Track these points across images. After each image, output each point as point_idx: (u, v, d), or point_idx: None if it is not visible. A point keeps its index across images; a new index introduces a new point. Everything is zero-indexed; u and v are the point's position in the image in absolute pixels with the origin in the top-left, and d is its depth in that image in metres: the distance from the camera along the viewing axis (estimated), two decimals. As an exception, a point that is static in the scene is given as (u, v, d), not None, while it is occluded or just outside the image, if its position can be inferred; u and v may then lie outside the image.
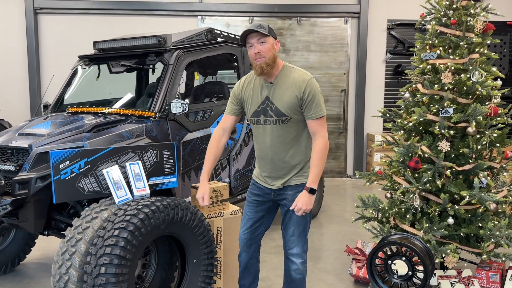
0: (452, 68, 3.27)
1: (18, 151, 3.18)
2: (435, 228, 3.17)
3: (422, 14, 3.58)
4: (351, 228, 5.11)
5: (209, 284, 3.03)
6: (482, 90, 3.19)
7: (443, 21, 3.40)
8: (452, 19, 3.33)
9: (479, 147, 3.20)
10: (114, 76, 4.28)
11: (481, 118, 3.16)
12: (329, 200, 6.45)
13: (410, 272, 2.90)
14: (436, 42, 3.40)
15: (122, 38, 4.08)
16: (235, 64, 4.71)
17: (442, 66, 3.30)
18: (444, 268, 3.38)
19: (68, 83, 4.28)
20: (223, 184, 3.42)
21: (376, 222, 3.64)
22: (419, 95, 3.42)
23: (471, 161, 3.25)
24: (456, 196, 3.25)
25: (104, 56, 4.15)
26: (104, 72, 4.23)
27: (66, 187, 2.79)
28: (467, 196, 3.08)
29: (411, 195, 3.28)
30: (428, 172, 3.22)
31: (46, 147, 3.06)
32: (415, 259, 2.91)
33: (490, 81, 3.26)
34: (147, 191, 2.91)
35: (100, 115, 3.66)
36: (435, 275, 3.25)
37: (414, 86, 3.49)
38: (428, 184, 3.24)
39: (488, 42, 3.34)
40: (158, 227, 2.69)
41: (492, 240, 3.11)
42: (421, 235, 3.21)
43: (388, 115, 3.75)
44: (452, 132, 3.23)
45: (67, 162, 2.79)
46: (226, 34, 4.68)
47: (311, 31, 8.05)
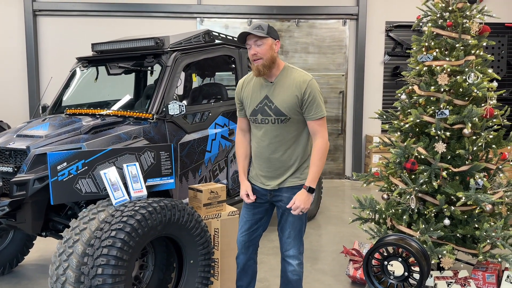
0: (448, 70, 3.29)
1: (16, 152, 3.19)
2: (432, 229, 3.18)
3: (419, 16, 3.61)
4: (349, 229, 5.12)
5: (206, 285, 3.04)
6: (478, 92, 3.21)
7: (439, 23, 3.42)
8: (448, 21, 3.35)
9: (475, 148, 3.21)
10: (112, 78, 4.29)
11: (476, 119, 3.18)
12: (327, 201, 6.46)
13: (406, 273, 2.92)
14: (432, 44, 3.42)
15: (120, 40, 4.09)
16: (233, 65, 4.72)
17: (438, 68, 3.32)
18: (440, 269, 3.39)
19: (67, 85, 4.30)
20: (220, 185, 3.43)
21: (373, 223, 3.65)
22: (415, 97, 3.43)
23: (467, 162, 3.27)
24: (452, 197, 3.26)
25: (102, 58, 4.16)
26: (102, 74, 4.25)
27: (63, 189, 2.80)
28: (463, 197, 3.10)
29: (408, 196, 3.30)
30: (425, 174, 3.23)
31: (44, 148, 3.08)
32: (411, 260, 2.93)
33: (486, 82, 3.28)
34: (144, 192, 2.92)
35: (98, 116, 3.67)
36: (431, 276, 3.26)
37: (410, 88, 3.51)
38: (424, 185, 3.26)
39: (484, 44, 3.36)
40: (155, 228, 2.70)
41: (488, 241, 3.12)
42: (417, 236, 3.22)
43: (385, 117, 3.77)
44: (448, 133, 3.25)
45: (65, 164, 2.80)
46: (224, 36, 4.69)
47: (309, 33, 8.07)
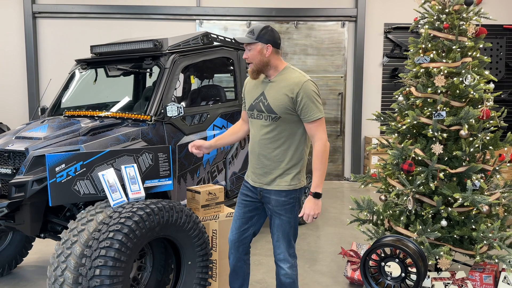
0: (445, 71, 3.30)
1: (14, 154, 3.20)
2: (429, 230, 3.19)
3: (416, 18, 3.62)
4: (348, 231, 5.13)
5: (204, 286, 3.05)
6: (474, 94, 3.22)
7: (436, 25, 3.43)
8: (445, 23, 3.36)
9: (471, 149, 3.22)
10: (111, 80, 4.31)
11: (473, 121, 3.19)
12: (326, 202, 6.47)
13: (403, 274, 2.93)
14: (429, 46, 3.44)
15: (119, 42, 4.11)
16: (231, 67, 4.74)
17: (435, 69, 3.33)
18: (438, 270, 3.40)
19: (66, 87, 4.31)
20: (218, 186, 3.45)
21: (371, 224, 3.66)
22: (412, 98, 3.45)
23: (464, 163, 3.28)
24: (449, 198, 3.27)
25: (101, 60, 4.18)
26: (101, 76, 4.27)
27: (62, 190, 2.81)
28: (460, 199, 3.11)
29: (405, 198, 3.31)
30: (422, 175, 3.25)
31: (42, 150, 3.09)
32: (408, 261, 2.94)
33: (483, 84, 3.29)
34: (142, 194, 2.94)
35: (96, 118, 3.68)
36: (428, 277, 3.27)
37: (407, 89, 3.53)
38: (421, 187, 3.27)
39: (481, 46, 3.38)
40: (153, 230, 2.71)
41: (485, 242, 3.13)
42: (415, 237, 3.24)
43: (382, 118, 3.78)
44: (445, 135, 3.26)
45: (63, 165, 2.81)
46: (223, 38, 4.71)
47: (308, 35, 8.09)
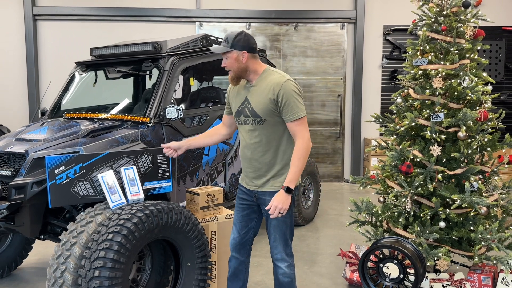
0: (443, 73, 3.31)
1: (14, 156, 3.21)
2: (427, 231, 3.20)
3: (414, 21, 3.64)
4: (347, 232, 5.14)
5: (203, 288, 3.06)
6: (472, 95, 3.23)
7: (434, 27, 3.45)
8: (443, 25, 3.38)
9: (469, 151, 3.23)
10: (111, 82, 4.32)
11: (471, 122, 3.20)
12: (325, 204, 6.48)
13: (402, 275, 2.94)
14: (427, 48, 3.45)
15: (119, 45, 4.13)
16: (231, 69, 4.75)
17: (433, 71, 3.34)
18: (436, 271, 3.41)
19: (65, 89, 4.33)
20: (217, 188, 3.46)
21: (370, 226, 3.67)
22: (410, 100, 3.46)
23: (462, 165, 3.29)
24: (447, 200, 3.28)
25: (101, 62, 4.20)
26: (101, 78, 4.28)
27: (61, 192, 2.82)
28: (458, 200, 3.12)
29: (404, 199, 3.32)
30: (420, 176, 3.25)
31: (42, 152, 3.10)
32: (407, 262, 2.95)
33: (481, 86, 3.30)
34: (141, 195, 2.95)
35: (96, 120, 3.70)
36: (427, 278, 3.28)
37: (406, 91, 3.54)
38: (420, 188, 3.28)
39: (479, 48, 3.39)
40: (152, 231, 2.72)
41: (483, 243, 3.14)
42: (413, 239, 3.24)
43: (381, 120, 3.79)
44: (443, 136, 3.27)
45: (63, 167, 2.82)
46: (222, 40, 4.72)
47: (307, 37, 8.11)
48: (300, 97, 2.54)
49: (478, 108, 3.31)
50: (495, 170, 3.44)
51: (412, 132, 3.52)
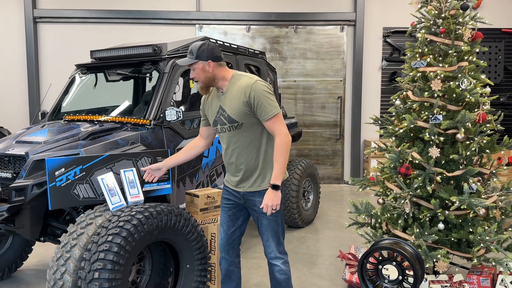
0: (442, 75, 3.32)
1: (15, 158, 3.23)
2: (426, 233, 3.21)
3: (413, 23, 3.65)
4: (347, 234, 5.15)
5: (202, 290, 3.07)
6: (470, 97, 3.25)
7: (433, 29, 3.46)
8: (441, 27, 3.39)
9: (468, 153, 3.24)
10: (111, 85, 4.34)
11: (469, 124, 3.21)
12: (325, 206, 6.49)
13: (401, 277, 2.95)
14: (426, 50, 3.46)
15: (119, 47, 4.14)
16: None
17: (432, 73, 3.36)
18: (435, 273, 3.42)
19: (66, 92, 4.34)
20: (217, 190, 3.47)
21: (369, 227, 3.68)
22: (409, 102, 3.47)
23: (461, 167, 3.30)
24: (446, 201, 3.29)
25: (101, 65, 4.21)
26: (101, 80, 4.30)
27: (61, 194, 2.83)
28: (457, 202, 3.13)
29: (403, 201, 3.32)
30: (419, 178, 3.26)
31: (42, 154, 3.11)
32: (406, 264, 2.96)
33: (479, 88, 3.31)
34: (141, 197, 2.96)
35: (96, 123, 3.71)
36: (426, 280, 3.29)
37: (404, 93, 3.55)
38: (419, 190, 3.29)
39: (477, 50, 3.40)
40: (151, 233, 2.73)
41: (482, 245, 3.15)
42: (412, 240, 3.25)
43: (380, 122, 3.80)
44: (442, 138, 3.28)
45: (63, 169, 2.84)
46: (221, 43, 4.74)
47: (307, 39, 8.14)
48: (271, 95, 2.59)
49: (476, 110, 3.33)
50: (494, 171, 3.45)
51: (411, 134, 3.53)
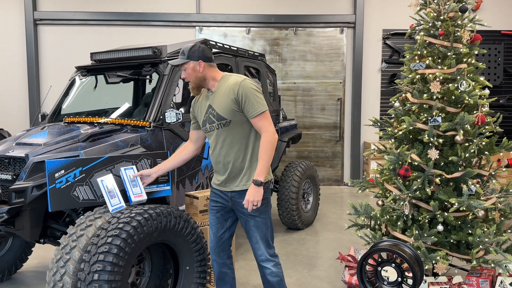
0: (441, 77, 3.34)
1: (15, 160, 3.24)
2: (425, 235, 3.21)
3: (412, 25, 3.66)
4: (346, 236, 5.15)
5: (202, 291, 3.07)
6: (469, 99, 3.26)
7: (432, 32, 3.47)
8: (440, 30, 3.40)
9: (467, 155, 3.25)
10: (111, 87, 4.35)
11: (468, 126, 3.22)
12: (325, 208, 6.49)
13: (400, 279, 2.95)
14: (425, 52, 3.47)
15: (119, 50, 4.16)
16: (230, 74, 4.77)
17: (430, 76, 3.36)
18: (435, 274, 3.42)
19: (66, 94, 4.35)
20: (216, 192, 3.47)
21: (369, 229, 3.68)
22: (408, 104, 3.48)
23: (460, 168, 3.31)
24: (445, 203, 3.30)
25: (101, 67, 4.22)
26: (101, 82, 4.31)
27: (61, 196, 2.84)
28: (456, 203, 3.13)
29: (402, 203, 3.33)
30: (418, 180, 3.27)
31: (42, 156, 3.12)
32: (405, 265, 2.96)
33: (478, 90, 3.32)
34: (144, 196, 2.97)
35: (96, 125, 3.72)
36: (425, 281, 3.29)
37: (404, 95, 3.56)
38: (418, 192, 3.29)
39: (476, 52, 3.42)
40: (151, 235, 2.74)
41: (481, 246, 3.15)
42: (411, 242, 3.26)
43: (379, 124, 3.81)
44: (441, 140, 3.29)
45: (63, 171, 2.84)
46: (221, 45, 4.75)
47: (307, 41, 8.15)
48: (259, 93, 2.63)
49: (475, 112, 3.33)
50: (493, 173, 3.46)
51: (410, 136, 3.54)
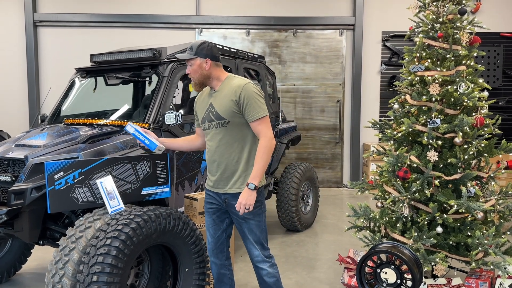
0: (440, 79, 3.34)
1: (14, 162, 3.24)
2: (425, 236, 3.21)
3: (411, 27, 3.67)
4: (346, 238, 5.15)
5: (201, 293, 3.07)
6: (468, 101, 3.26)
7: (431, 34, 3.48)
8: (439, 32, 3.41)
9: (466, 157, 3.25)
10: (111, 88, 4.35)
11: (467, 128, 3.22)
12: (324, 209, 6.49)
13: (399, 281, 2.95)
14: (424, 54, 3.48)
15: (118, 51, 4.16)
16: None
17: (430, 78, 3.37)
18: (434, 276, 3.42)
19: (65, 95, 4.36)
20: (216, 194, 3.47)
21: (368, 231, 3.68)
22: (407, 106, 3.48)
23: (459, 170, 3.31)
24: (444, 205, 3.30)
25: (101, 68, 4.23)
26: (100, 84, 4.31)
27: (60, 197, 2.84)
28: (455, 205, 3.13)
29: (401, 204, 3.33)
30: (417, 182, 3.27)
31: (41, 158, 3.12)
32: (404, 267, 2.96)
33: (477, 92, 3.33)
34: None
35: (95, 126, 3.72)
36: (424, 283, 3.29)
37: (403, 97, 3.57)
38: (417, 194, 3.29)
39: (475, 54, 3.42)
40: (150, 237, 2.74)
41: (480, 248, 3.15)
42: (410, 244, 3.26)
43: (378, 126, 3.82)
44: (440, 142, 3.30)
45: (62, 173, 2.84)
46: (221, 47, 4.76)
47: (306, 43, 8.16)
48: (261, 98, 2.64)
49: (474, 114, 3.34)
50: (492, 175, 3.46)
51: (409, 138, 3.54)
